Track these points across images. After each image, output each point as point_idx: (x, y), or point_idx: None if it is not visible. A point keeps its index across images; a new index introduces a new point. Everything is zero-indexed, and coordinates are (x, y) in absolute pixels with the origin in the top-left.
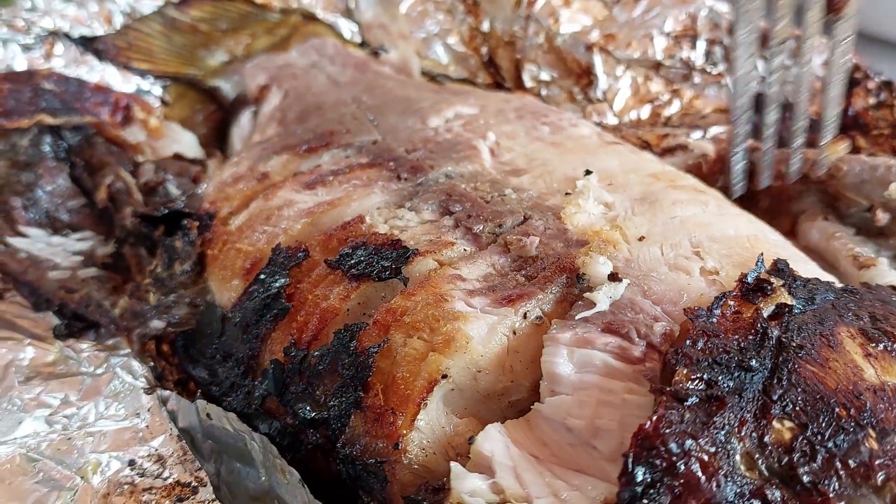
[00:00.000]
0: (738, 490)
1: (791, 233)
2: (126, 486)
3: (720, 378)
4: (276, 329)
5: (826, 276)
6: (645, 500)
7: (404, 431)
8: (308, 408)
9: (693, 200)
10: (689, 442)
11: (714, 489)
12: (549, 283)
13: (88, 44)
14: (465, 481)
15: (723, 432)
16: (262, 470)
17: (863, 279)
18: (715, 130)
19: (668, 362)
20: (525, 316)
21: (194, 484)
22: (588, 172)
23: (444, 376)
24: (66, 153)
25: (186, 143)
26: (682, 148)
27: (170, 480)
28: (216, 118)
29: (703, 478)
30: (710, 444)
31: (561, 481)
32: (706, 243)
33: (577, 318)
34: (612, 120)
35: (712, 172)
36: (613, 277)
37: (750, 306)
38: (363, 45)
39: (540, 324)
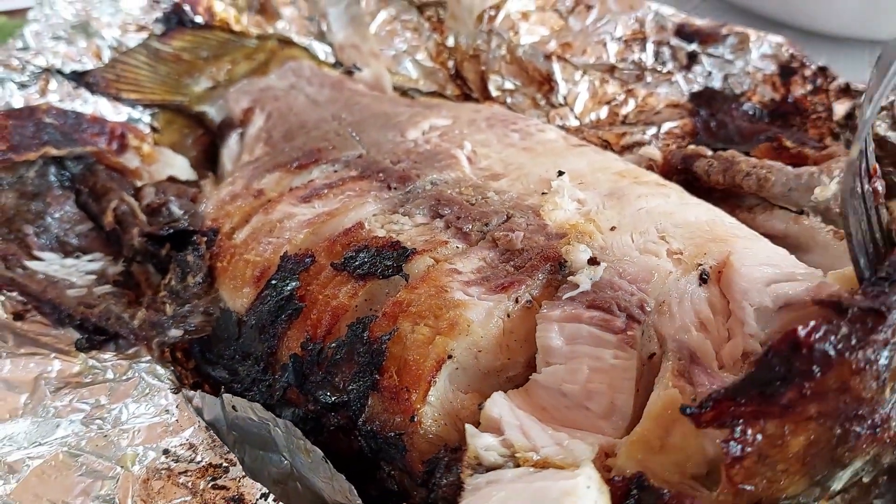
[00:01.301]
0: (875, 407)
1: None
2: (163, 472)
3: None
4: (292, 327)
5: (780, 252)
6: (768, 389)
7: (418, 406)
8: (328, 393)
9: (656, 193)
10: (838, 350)
11: (849, 400)
12: (536, 271)
13: (80, 78)
14: (480, 439)
15: (881, 349)
16: (284, 454)
17: (843, 249)
18: (668, 125)
19: None
20: (517, 300)
21: (225, 465)
22: (561, 173)
23: (450, 357)
24: (70, 182)
25: (179, 166)
26: (639, 145)
27: (203, 463)
28: (204, 141)
29: (842, 387)
30: (862, 357)
31: (562, 434)
32: (670, 229)
33: (564, 298)
34: (573, 122)
35: (663, 173)
36: (593, 262)
37: None
38: (337, 64)
39: (530, 307)
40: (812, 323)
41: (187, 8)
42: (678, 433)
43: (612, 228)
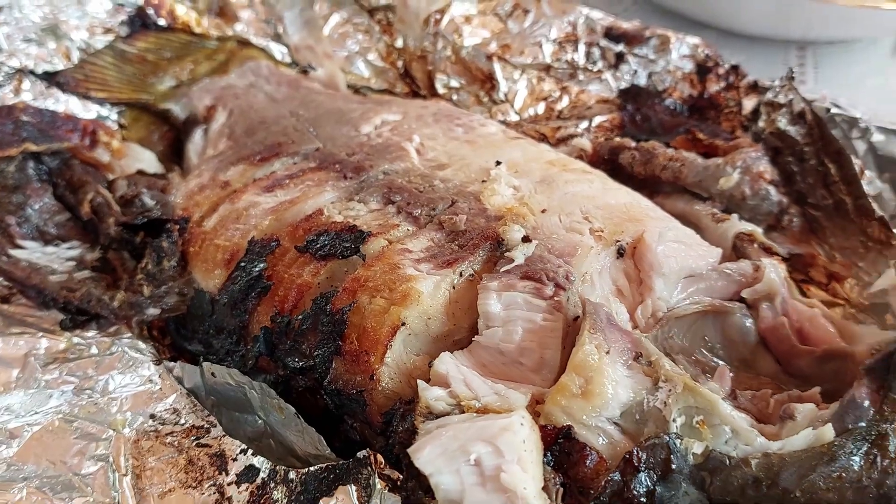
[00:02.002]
0: None
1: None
2: (152, 433)
3: None
4: (261, 303)
5: (688, 231)
6: None
7: (377, 366)
8: (296, 359)
9: (581, 179)
10: None
11: None
12: (477, 249)
13: (51, 78)
14: (430, 392)
15: None
16: (259, 413)
17: (720, 230)
18: (598, 119)
19: None
20: (461, 274)
21: (207, 426)
22: (498, 163)
23: (403, 324)
24: (47, 175)
25: (147, 160)
26: (573, 137)
27: (187, 425)
28: (170, 137)
29: None
30: None
31: (500, 385)
32: (593, 211)
33: (501, 270)
34: (513, 117)
35: (592, 162)
36: (526, 240)
37: None
38: (293, 64)
39: (472, 279)
40: None
41: (150, 11)
42: (596, 382)
43: (543, 210)
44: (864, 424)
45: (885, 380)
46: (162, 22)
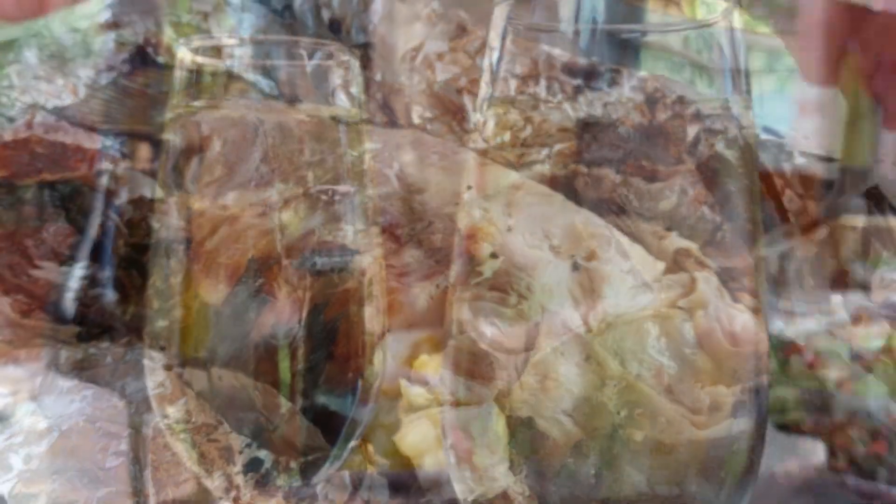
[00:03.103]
0: None
1: None
2: (167, 430)
3: None
4: (262, 315)
5: (635, 247)
6: None
7: (365, 368)
8: (294, 363)
9: (543, 202)
10: None
11: None
12: (452, 264)
13: (60, 112)
14: (411, 389)
15: None
16: (262, 411)
17: (662, 246)
18: (559, 147)
19: None
20: (438, 286)
21: (215, 424)
22: (469, 187)
23: (388, 330)
24: (60, 201)
25: (149, 186)
26: (535, 163)
27: (198, 423)
28: (169, 165)
29: None
30: None
31: (472, 382)
32: (552, 229)
33: (472, 283)
34: (482, 145)
35: (552, 185)
36: (493, 256)
37: None
38: (281, 96)
39: (448, 291)
40: None
41: (150, 50)
42: (550, 378)
43: (509, 229)
44: None
45: None
46: (160, 59)
